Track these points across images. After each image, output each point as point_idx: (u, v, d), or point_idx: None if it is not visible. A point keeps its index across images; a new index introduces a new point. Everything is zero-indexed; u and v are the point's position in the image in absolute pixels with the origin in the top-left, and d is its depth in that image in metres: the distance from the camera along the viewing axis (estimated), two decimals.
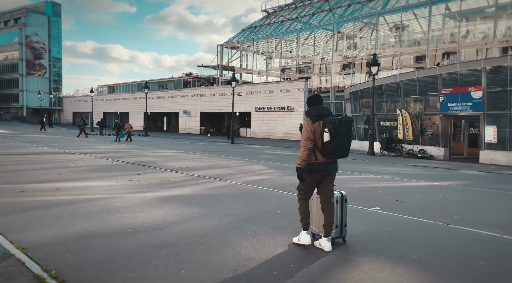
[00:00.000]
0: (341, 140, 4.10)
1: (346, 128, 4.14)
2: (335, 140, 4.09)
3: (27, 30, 77.24)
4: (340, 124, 4.10)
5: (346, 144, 4.18)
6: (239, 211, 5.91)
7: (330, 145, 4.11)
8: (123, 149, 18.84)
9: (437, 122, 20.14)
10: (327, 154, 4.15)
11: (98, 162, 12.34)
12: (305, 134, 4.18)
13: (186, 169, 10.97)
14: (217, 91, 46.17)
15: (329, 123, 4.12)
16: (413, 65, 33.60)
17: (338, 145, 4.10)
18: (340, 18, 38.18)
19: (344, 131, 4.11)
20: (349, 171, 12.16)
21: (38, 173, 9.28)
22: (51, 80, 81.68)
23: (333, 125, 4.09)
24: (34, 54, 78.95)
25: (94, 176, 9.13)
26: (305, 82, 35.80)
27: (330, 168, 4.27)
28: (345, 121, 4.16)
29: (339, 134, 4.08)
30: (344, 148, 4.17)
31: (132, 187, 7.75)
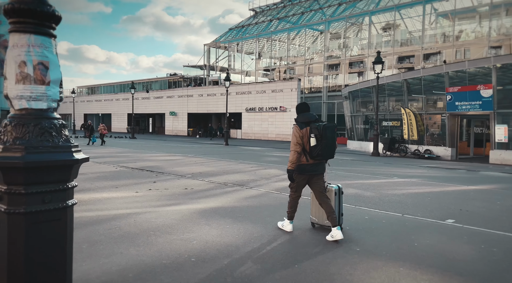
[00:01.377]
0: (326, 144, 4.54)
1: (330, 133, 4.59)
2: (321, 144, 4.54)
3: (1, 28, 73.82)
4: (324, 130, 4.54)
5: (331, 147, 4.63)
6: (302, 226, 5.10)
7: (317, 148, 4.56)
8: (117, 153, 17.68)
9: (439, 122, 19.88)
10: (314, 157, 4.62)
11: (100, 168, 11.24)
12: (294, 139, 4.66)
13: (201, 175, 10.06)
14: (205, 91, 45.08)
15: (315, 129, 4.57)
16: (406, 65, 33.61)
17: (324, 148, 4.56)
18: (331, 17, 37.83)
19: (329, 135, 4.56)
20: (372, 174, 11.52)
21: None
22: None
23: (318, 130, 4.55)
24: None
25: (106, 185, 8.11)
26: (298, 82, 35.25)
27: (318, 168, 4.75)
28: (329, 126, 4.61)
29: (324, 138, 4.53)
30: (329, 150, 4.63)
31: (157, 198, 6.81)
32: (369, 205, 6.62)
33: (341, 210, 4.99)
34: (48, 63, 1.91)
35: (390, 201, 7.08)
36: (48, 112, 1.93)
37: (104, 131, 24.40)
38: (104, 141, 24.27)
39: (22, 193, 1.91)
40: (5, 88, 1.80)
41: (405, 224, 5.45)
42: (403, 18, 34.11)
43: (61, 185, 2.11)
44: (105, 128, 24.77)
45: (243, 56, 48.73)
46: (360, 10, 35.32)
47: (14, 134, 1.80)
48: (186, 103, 46.89)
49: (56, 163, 1.99)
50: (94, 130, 24.33)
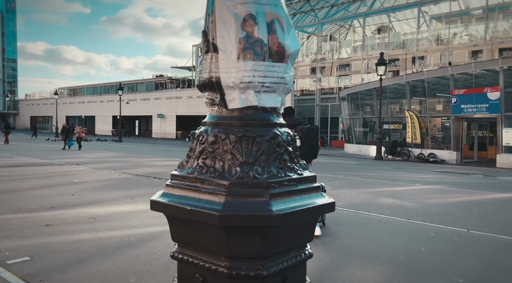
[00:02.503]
0: (310, 144, 4.89)
1: (313, 134, 4.95)
2: (305, 145, 4.83)
3: None
4: (308, 132, 4.89)
5: (315, 148, 5.01)
6: (404, 262, 4.43)
7: (301, 149, 4.81)
8: (111, 157, 16.66)
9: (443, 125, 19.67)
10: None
11: (102, 175, 10.32)
12: None
13: None
14: (194, 93, 44.03)
15: (299, 131, 4.84)
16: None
17: (308, 149, 4.88)
18: (324, 19, 37.57)
19: (312, 137, 4.91)
20: (392, 180, 10.99)
21: (44, 193, 7.26)
22: (5, 82, 75.48)
23: (302, 132, 4.84)
24: None
25: (119, 195, 7.25)
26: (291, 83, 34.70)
27: None
28: (313, 129, 4.98)
29: (307, 140, 4.86)
30: (313, 151, 4.98)
31: None
32: (423, 219, 5.99)
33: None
34: (284, 21, 1.12)
35: (438, 212, 6.50)
36: (275, 115, 1.17)
37: (82, 134, 22.14)
38: (81, 145, 21.57)
39: (261, 275, 1.00)
40: (208, 68, 1.02)
41: (483, 243, 4.86)
42: (396, 21, 34.10)
43: (302, 252, 1.16)
44: (83, 131, 22.47)
45: None
46: (353, 12, 35.16)
47: (239, 156, 1.01)
48: (175, 105, 45.75)
49: (309, 213, 1.09)
50: (71, 133, 21.98)
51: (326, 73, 39.77)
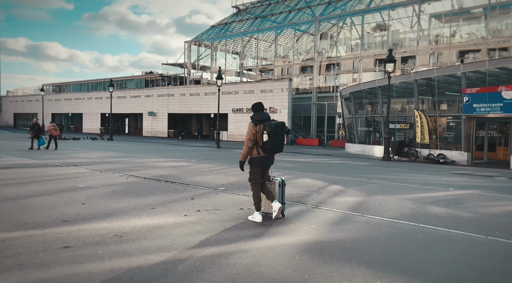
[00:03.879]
0: (276, 140, 5.26)
1: (280, 130, 5.29)
2: (272, 140, 5.23)
3: None
4: (276, 128, 5.25)
5: (281, 143, 5.35)
6: None
7: (269, 143, 5.24)
8: (109, 157, 15.57)
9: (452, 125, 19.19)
10: (266, 150, 5.31)
11: (107, 178, 9.32)
12: (248, 135, 5.30)
13: (235, 187, 8.43)
14: (187, 90, 42.94)
15: (267, 126, 5.24)
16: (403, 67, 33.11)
17: (274, 144, 5.26)
18: (321, 15, 36.88)
19: (279, 133, 5.27)
20: (420, 184, 10.29)
21: (49, 201, 6.26)
22: None
23: (270, 128, 5.22)
24: None
25: (136, 204, 6.31)
26: (289, 82, 33.97)
27: (269, 161, 5.49)
28: (280, 125, 5.32)
29: (274, 135, 5.23)
30: (279, 145, 5.34)
31: (219, 224, 5.14)
32: (502, 235, 5.24)
33: (284, 199, 5.74)
34: None
35: (509, 225, 5.77)
36: None
37: (55, 132, 19.07)
38: (56, 144, 19.10)
39: None
40: None
41: None
42: (394, 19, 33.68)
43: None
44: (55, 129, 19.26)
45: (226, 55, 46.97)
46: (351, 9, 34.56)
47: None
48: (167, 103, 44.51)
49: None
50: (42, 130, 19.20)
51: (322, 71, 39.16)
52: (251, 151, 5.33)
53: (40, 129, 18.81)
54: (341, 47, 37.41)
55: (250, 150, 5.32)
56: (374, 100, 23.09)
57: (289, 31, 43.00)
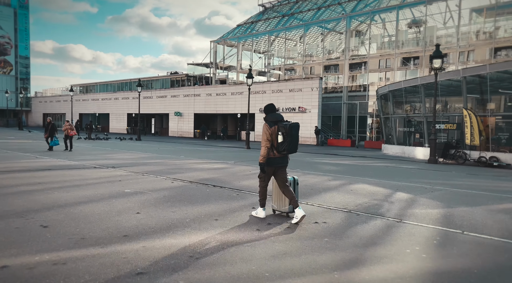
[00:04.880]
0: (291, 140, 5.29)
1: (294, 131, 5.32)
2: (287, 140, 5.27)
3: None
4: (290, 128, 5.27)
5: (295, 143, 5.37)
6: None
7: (284, 144, 5.29)
8: (143, 159, 15.09)
9: (508, 125, 17.82)
10: (281, 151, 5.35)
11: (152, 182, 8.70)
12: (265, 136, 5.35)
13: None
14: (214, 90, 42.49)
15: (282, 127, 5.28)
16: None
17: (289, 144, 5.29)
18: (352, 12, 35.65)
19: (293, 133, 5.30)
20: (492, 191, 9.22)
21: (101, 210, 5.65)
22: (17, 79, 74.62)
23: (285, 129, 5.26)
24: None
25: (194, 213, 5.60)
26: (319, 80, 32.94)
27: (283, 161, 5.49)
28: (294, 126, 5.34)
29: (289, 136, 5.26)
30: (293, 146, 5.36)
31: (304, 245, 4.36)
32: None
33: (297, 198, 5.52)
34: None
35: None
36: None
37: (71, 132, 17.74)
38: (71, 145, 17.76)
39: None
40: None
41: None
42: (430, 14, 32.14)
43: None
44: (72, 128, 17.90)
45: (252, 54, 46.29)
46: (386, 4, 33.21)
47: None
48: (193, 103, 44.22)
49: None
50: (56, 130, 17.83)
51: (354, 70, 37.93)
52: (269, 151, 5.36)
53: (54, 129, 17.57)
54: (371, 45, 36.08)
55: (269, 150, 5.34)
56: (415, 99, 21.87)
57: (315, 29, 41.93)
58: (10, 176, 8.93)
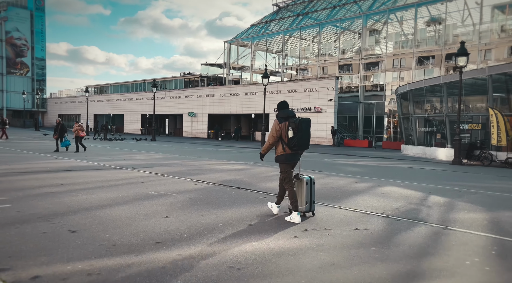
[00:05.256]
0: (301, 135, 5.25)
1: (305, 126, 5.27)
2: (297, 136, 5.23)
3: (7, 25, 71.19)
4: (300, 123, 5.25)
5: (306, 139, 5.31)
6: None
7: (294, 139, 5.26)
8: (162, 159, 14.91)
9: None
10: (291, 147, 5.30)
11: (175, 184, 8.46)
12: (272, 132, 5.36)
13: (325, 198, 7.31)
14: (228, 91, 42.32)
15: (292, 123, 5.26)
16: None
17: (299, 140, 5.25)
18: (369, 10, 35.05)
19: (304, 128, 5.26)
20: None
21: (128, 213, 5.40)
22: (34, 80, 75.79)
23: (295, 124, 5.24)
24: (15, 52, 72.95)
25: (225, 217, 5.32)
26: (335, 80, 32.44)
27: (295, 158, 5.47)
28: (305, 121, 5.30)
29: (299, 131, 5.23)
30: (304, 141, 5.31)
31: (351, 254, 4.03)
32: None
33: (313, 198, 5.60)
34: None
35: None
36: None
37: (81, 133, 17.31)
38: (84, 146, 17.43)
39: None
40: None
41: None
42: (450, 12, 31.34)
43: None
44: (82, 129, 17.44)
45: (266, 54, 45.98)
46: (404, 2, 32.54)
47: None
48: (207, 103, 44.13)
49: None
50: (66, 130, 17.34)
51: (369, 69, 37.30)
52: (272, 147, 5.42)
53: (64, 129, 17.14)
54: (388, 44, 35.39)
55: (271, 146, 5.40)
56: (437, 98, 21.27)
57: (329, 29, 41.40)
58: (32, 177, 8.80)
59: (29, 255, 3.63)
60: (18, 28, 72.26)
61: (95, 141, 28.66)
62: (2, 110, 72.54)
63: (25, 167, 10.64)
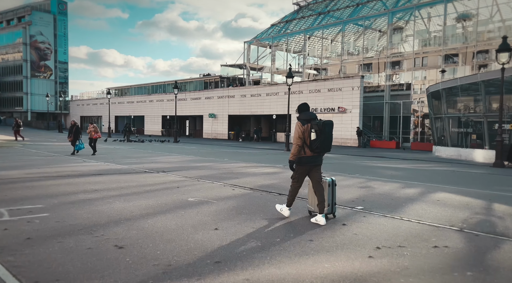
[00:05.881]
0: (324, 138, 5.22)
1: (328, 128, 5.24)
2: (320, 138, 5.19)
3: (31, 29, 72.88)
4: (323, 126, 5.21)
5: (329, 141, 5.29)
6: None
7: (316, 142, 5.20)
8: (191, 162, 14.51)
9: None
10: (314, 149, 5.25)
11: (212, 189, 7.99)
12: (297, 134, 5.26)
13: (378, 206, 6.70)
14: (248, 91, 41.88)
15: (315, 125, 5.22)
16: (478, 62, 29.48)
17: (322, 142, 5.21)
18: (395, 7, 34.01)
19: (327, 131, 5.22)
20: None
21: (173, 225, 4.93)
22: (57, 83, 77.29)
23: (318, 126, 5.20)
24: (39, 55, 74.59)
25: (281, 231, 4.78)
26: (360, 79, 31.56)
27: (317, 160, 5.40)
28: (328, 123, 5.26)
29: (322, 133, 5.19)
30: (327, 144, 5.27)
31: (445, 281, 3.43)
32: None
33: (334, 200, 5.66)
34: None
35: None
36: None
37: (95, 134, 16.41)
38: (94, 149, 16.35)
39: None
40: None
41: None
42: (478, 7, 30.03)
43: None
44: (96, 131, 16.55)
45: (286, 54, 45.35)
46: None
47: None
48: (227, 104, 43.81)
49: None
50: (81, 132, 16.43)
51: (396, 67, 36.21)
52: (301, 149, 5.28)
53: (78, 131, 16.09)
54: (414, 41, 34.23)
55: (300, 148, 5.27)
56: (471, 97, 20.24)
57: (350, 27, 40.47)
58: (64, 181, 8.48)
59: (78, 278, 3.18)
60: (42, 32, 73.84)
61: (118, 143, 28.66)
62: (27, 113, 74.25)
63: (56, 171, 10.38)
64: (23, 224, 4.76)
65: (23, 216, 5.15)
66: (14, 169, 10.61)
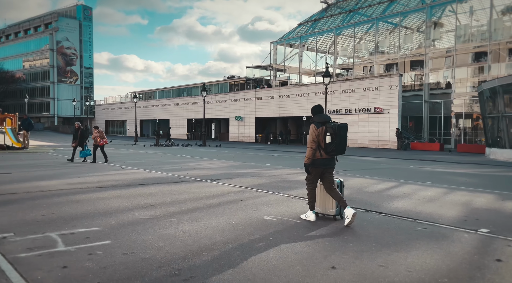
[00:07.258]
0: (340, 141, 5.22)
1: (343, 131, 5.24)
2: (335, 141, 5.20)
3: (58, 35, 74.03)
4: (339, 129, 5.20)
5: (343, 144, 5.29)
6: None
7: (332, 145, 5.21)
8: (232, 168, 13.40)
9: None
10: (329, 152, 5.27)
11: (280, 204, 6.81)
12: (311, 137, 5.31)
13: (506, 228, 5.36)
14: (276, 93, 40.70)
15: (330, 128, 5.23)
16: None
17: (337, 145, 5.22)
18: (434, 1, 32.14)
19: (342, 134, 5.22)
20: None
21: (268, 259, 3.76)
22: (82, 88, 78.23)
23: (333, 129, 5.20)
24: (65, 61, 75.67)
25: (414, 268, 3.55)
26: (398, 77, 29.89)
27: (330, 163, 5.41)
28: (343, 126, 5.26)
29: (337, 136, 5.19)
30: (341, 147, 5.27)
31: None
32: None
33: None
34: None
35: None
36: None
37: (101, 140, 14.23)
38: (106, 157, 14.36)
39: None
40: None
41: None
42: None
43: None
44: (102, 136, 14.35)
45: (316, 54, 43.93)
46: None
47: None
48: (254, 107, 42.75)
49: None
50: (86, 136, 15.23)
51: (435, 65, 34.29)
52: (316, 152, 5.26)
53: (84, 136, 14.57)
54: (455, 37, 32.26)
55: (315, 151, 5.26)
56: None
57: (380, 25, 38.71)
58: (112, 194, 7.47)
59: None
60: (68, 38, 74.91)
61: (148, 147, 27.99)
62: (54, 117, 75.38)
63: (97, 181, 9.43)
64: (85, 259, 3.68)
65: (81, 245, 4.09)
66: (52, 178, 9.74)
